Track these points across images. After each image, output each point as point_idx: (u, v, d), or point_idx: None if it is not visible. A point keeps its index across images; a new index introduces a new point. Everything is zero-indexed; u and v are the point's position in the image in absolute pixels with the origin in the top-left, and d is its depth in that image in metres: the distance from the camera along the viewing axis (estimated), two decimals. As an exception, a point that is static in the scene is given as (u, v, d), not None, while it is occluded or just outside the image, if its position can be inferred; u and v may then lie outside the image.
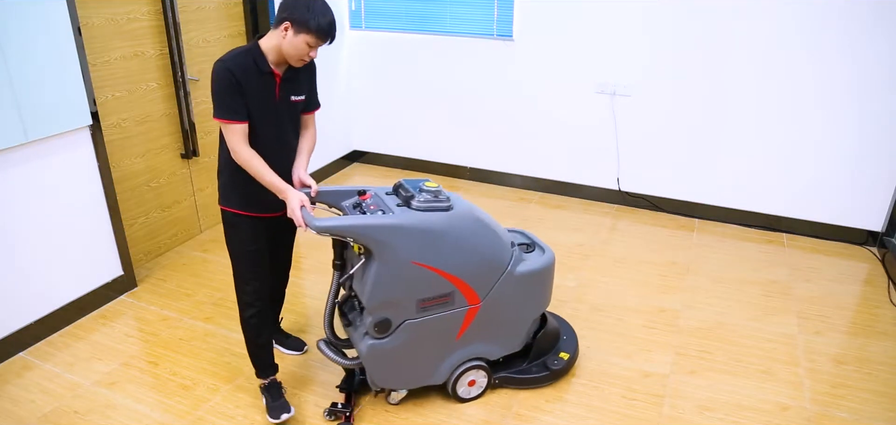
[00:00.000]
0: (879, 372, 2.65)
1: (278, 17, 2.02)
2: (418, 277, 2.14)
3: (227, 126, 2.03)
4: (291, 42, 2.02)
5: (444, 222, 2.13)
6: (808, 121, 3.68)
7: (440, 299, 2.22)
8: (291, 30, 2.00)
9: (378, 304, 2.15)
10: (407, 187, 2.24)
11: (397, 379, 2.36)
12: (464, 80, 4.55)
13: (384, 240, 2.05)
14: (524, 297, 2.42)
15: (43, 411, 2.41)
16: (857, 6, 3.36)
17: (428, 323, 2.24)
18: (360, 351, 2.27)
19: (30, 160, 2.67)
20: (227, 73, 1.97)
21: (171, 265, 3.51)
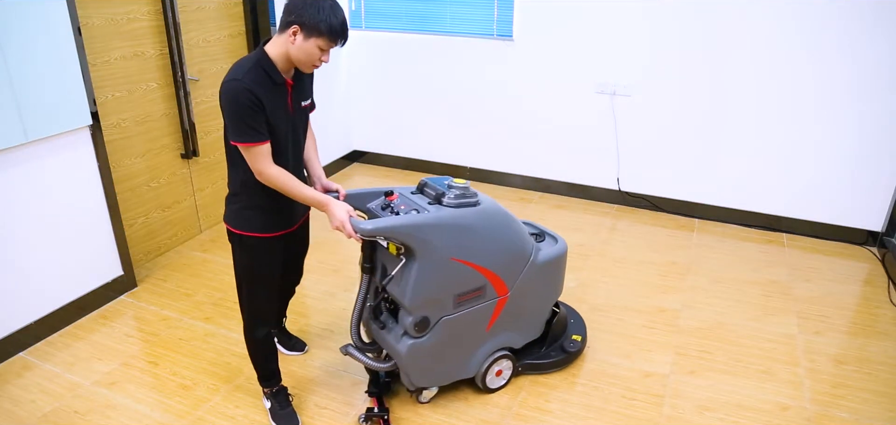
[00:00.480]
0: (879, 372, 2.65)
1: (284, 21, 1.88)
2: (456, 273, 2.18)
3: (251, 149, 1.89)
4: (301, 47, 1.89)
5: (476, 217, 2.19)
6: (809, 121, 3.68)
7: (474, 293, 2.27)
8: (300, 34, 1.87)
9: (419, 303, 2.16)
10: (433, 185, 2.27)
11: (434, 376, 2.38)
12: (464, 80, 4.55)
13: (427, 237, 2.07)
14: (544, 285, 2.51)
15: (43, 411, 2.41)
16: (858, 6, 3.36)
17: (463, 318, 2.28)
18: (397, 352, 2.26)
19: (30, 160, 2.67)
20: (248, 92, 1.82)
21: (171, 265, 3.51)
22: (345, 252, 3.66)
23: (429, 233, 2.08)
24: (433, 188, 2.25)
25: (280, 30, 1.92)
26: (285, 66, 1.96)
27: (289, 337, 2.78)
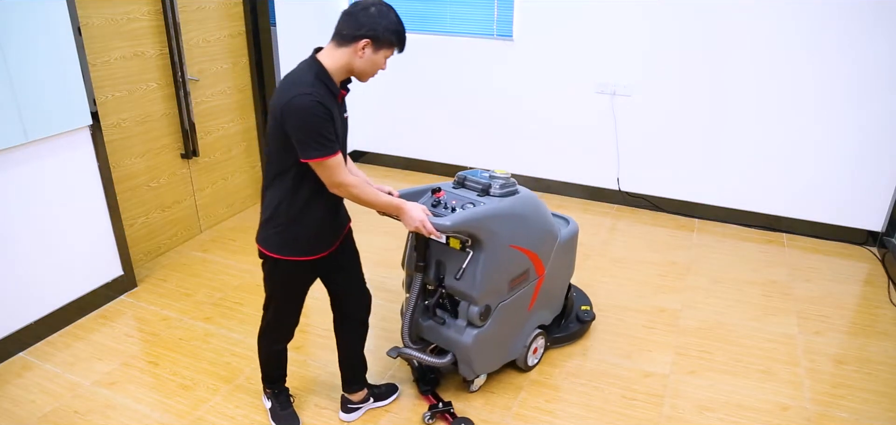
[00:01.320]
0: (879, 372, 2.65)
1: (352, 35, 1.84)
2: (512, 259, 2.29)
3: (327, 162, 1.83)
4: (371, 59, 1.90)
5: (522, 203, 2.31)
6: (809, 121, 3.68)
7: (523, 276, 2.37)
8: (371, 47, 1.87)
9: (485, 293, 2.23)
10: (475, 178, 2.34)
11: (490, 362, 2.45)
12: (464, 80, 4.55)
13: (494, 228, 2.17)
14: (566, 263, 2.68)
15: (43, 411, 2.41)
16: (857, 6, 3.36)
17: (514, 302, 2.38)
18: (460, 344, 2.30)
19: (30, 160, 2.67)
20: (321, 106, 1.78)
21: (171, 265, 3.51)
22: (345, 252, 3.66)
23: (495, 224, 2.18)
24: (476, 181, 2.32)
25: (342, 42, 1.86)
26: (341, 77, 1.93)
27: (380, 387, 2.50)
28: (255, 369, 2.64)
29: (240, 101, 4.03)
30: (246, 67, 4.03)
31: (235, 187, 4.14)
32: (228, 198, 4.09)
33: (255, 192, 4.35)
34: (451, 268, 2.26)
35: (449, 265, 2.27)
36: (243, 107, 4.06)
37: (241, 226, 4.00)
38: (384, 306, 3.11)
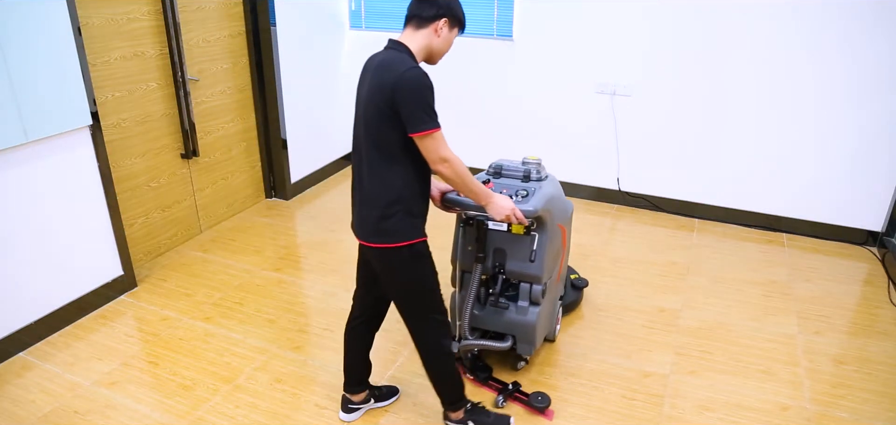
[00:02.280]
0: (879, 372, 2.65)
1: (429, 15, 1.90)
2: (557, 235, 2.45)
3: (435, 134, 1.81)
4: (446, 38, 1.95)
5: (556, 183, 2.50)
6: (808, 121, 3.68)
7: (560, 251, 2.54)
8: (447, 27, 1.93)
9: (546, 271, 2.38)
10: (511, 167, 2.44)
11: (540, 337, 2.55)
12: (464, 80, 4.55)
13: (553, 209, 2.33)
14: (570, 236, 2.78)
15: (43, 411, 2.41)
16: (857, 6, 3.36)
17: (554, 277, 2.54)
18: (524, 325, 2.41)
19: (30, 160, 2.67)
20: (427, 76, 1.81)
21: (171, 265, 3.51)
22: (344, 252, 3.66)
23: (554, 205, 2.36)
24: (513, 168, 2.44)
25: (421, 24, 1.92)
26: (421, 59, 1.96)
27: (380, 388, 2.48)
28: (255, 369, 2.64)
29: (240, 101, 4.03)
30: (246, 67, 4.03)
31: (235, 187, 4.14)
32: (228, 198, 4.09)
33: (256, 192, 4.35)
34: (512, 254, 2.35)
35: (510, 251, 2.35)
36: (243, 107, 4.06)
37: (241, 226, 4.00)
38: (384, 306, 3.11)
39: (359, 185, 1.97)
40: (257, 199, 4.38)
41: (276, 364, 2.68)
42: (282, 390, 2.53)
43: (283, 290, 3.25)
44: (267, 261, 3.55)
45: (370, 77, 1.88)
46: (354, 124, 1.99)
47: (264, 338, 2.86)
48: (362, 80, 1.95)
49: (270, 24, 3.97)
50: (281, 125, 4.22)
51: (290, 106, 4.25)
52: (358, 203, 1.99)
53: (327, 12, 4.54)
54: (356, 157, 1.98)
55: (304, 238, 3.86)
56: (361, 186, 1.95)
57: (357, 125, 1.97)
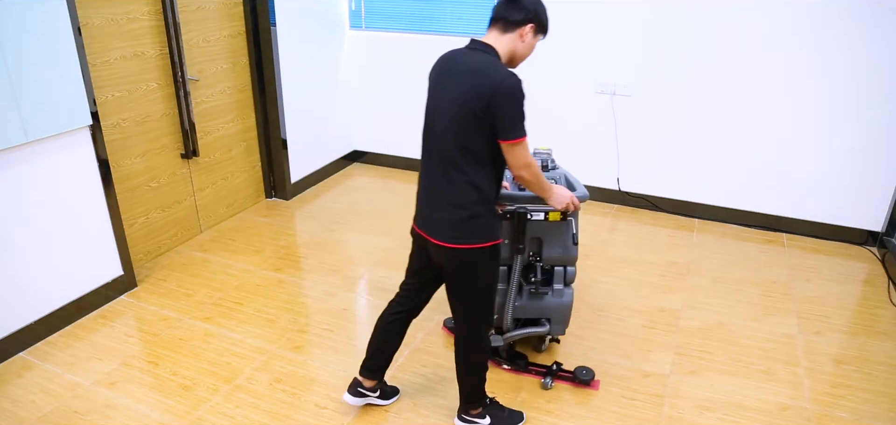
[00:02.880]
0: (879, 372, 2.65)
1: (516, 19, 1.90)
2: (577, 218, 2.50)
3: (525, 142, 1.86)
4: (530, 44, 1.95)
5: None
6: (808, 121, 3.68)
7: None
8: (531, 32, 1.93)
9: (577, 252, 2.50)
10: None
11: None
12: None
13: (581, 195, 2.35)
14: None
15: (43, 411, 2.41)
16: (857, 6, 3.36)
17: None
18: (561, 307, 2.54)
19: (30, 160, 2.67)
20: (522, 84, 1.83)
21: (171, 265, 3.51)
22: (344, 252, 3.66)
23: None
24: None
25: (508, 28, 1.92)
26: (504, 62, 1.96)
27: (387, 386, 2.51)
28: (255, 369, 2.64)
29: (240, 101, 4.03)
30: (246, 67, 4.03)
31: (235, 187, 4.14)
32: (228, 198, 4.09)
33: (256, 192, 4.35)
34: (549, 241, 2.43)
35: (546, 239, 2.42)
36: (243, 107, 4.06)
37: (241, 227, 4.00)
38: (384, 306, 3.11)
39: (437, 186, 1.96)
40: (257, 199, 4.38)
41: (276, 364, 2.68)
42: (282, 390, 2.53)
43: (283, 290, 3.25)
44: (267, 261, 3.55)
45: (461, 79, 1.87)
46: (431, 124, 1.97)
47: (264, 338, 2.86)
48: (444, 80, 1.94)
49: (270, 24, 3.97)
50: (281, 125, 4.22)
51: (290, 106, 4.25)
52: (438, 203, 1.97)
53: (327, 12, 4.54)
54: (435, 158, 1.96)
55: (304, 238, 3.86)
56: (442, 187, 1.94)
57: (437, 125, 1.94)
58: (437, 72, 1.99)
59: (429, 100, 2.00)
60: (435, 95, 1.97)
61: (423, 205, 2.04)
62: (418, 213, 2.07)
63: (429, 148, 1.99)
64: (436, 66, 2.01)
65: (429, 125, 1.99)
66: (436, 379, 2.59)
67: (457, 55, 1.95)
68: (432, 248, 2.03)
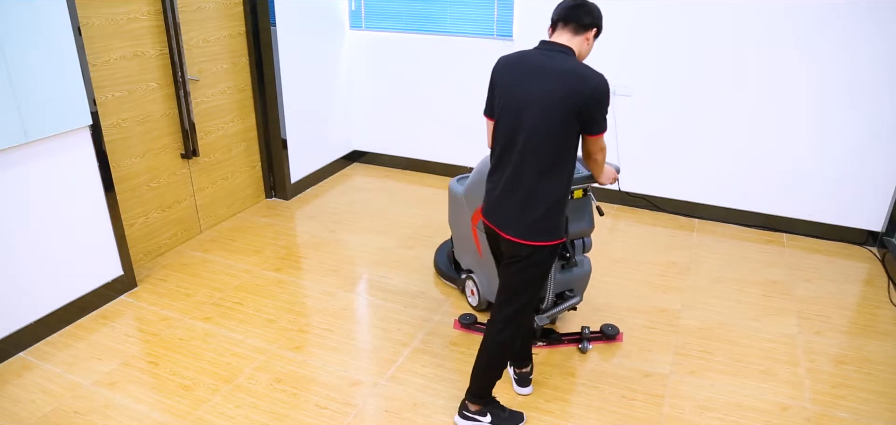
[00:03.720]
0: (879, 372, 2.65)
1: (586, 23, 1.98)
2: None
3: (605, 135, 1.99)
4: (592, 46, 2.04)
5: None
6: (808, 120, 3.68)
7: None
8: (594, 37, 2.03)
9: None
10: None
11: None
12: (464, 81, 4.55)
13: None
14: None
15: (43, 411, 2.41)
16: (856, 6, 3.36)
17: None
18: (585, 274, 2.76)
19: (30, 160, 2.67)
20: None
21: (171, 265, 3.51)
22: (344, 252, 3.66)
23: None
24: None
25: (578, 31, 1.99)
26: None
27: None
28: (255, 369, 2.64)
29: (240, 101, 4.03)
30: (246, 67, 4.03)
31: (235, 187, 4.14)
32: (228, 198, 4.09)
33: (256, 192, 4.35)
34: (572, 217, 2.58)
35: (571, 215, 2.57)
36: (243, 107, 4.06)
37: (241, 226, 4.00)
38: (384, 306, 3.12)
39: (516, 183, 2.00)
40: (257, 199, 4.38)
41: (276, 364, 2.68)
42: (282, 390, 2.53)
43: (283, 290, 3.25)
44: (267, 261, 3.55)
45: (555, 80, 1.90)
46: (515, 123, 1.97)
47: (264, 338, 2.86)
48: (531, 80, 1.95)
49: (270, 24, 3.97)
50: (281, 125, 4.22)
51: (290, 106, 4.26)
52: (516, 200, 2.01)
53: (327, 12, 4.54)
54: (515, 156, 1.98)
55: (304, 238, 3.86)
56: (521, 185, 1.99)
57: (524, 124, 1.95)
58: (516, 72, 1.99)
59: (508, 100, 1.99)
60: (519, 95, 1.96)
61: (497, 201, 2.07)
62: (491, 208, 2.10)
63: (509, 146, 2.00)
64: (510, 66, 2.01)
65: (512, 124, 1.98)
66: (436, 379, 2.59)
67: (540, 57, 1.97)
68: (502, 240, 2.10)
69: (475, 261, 3.00)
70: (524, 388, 2.52)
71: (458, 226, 3.10)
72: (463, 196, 2.96)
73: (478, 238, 2.87)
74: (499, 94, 2.03)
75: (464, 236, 3.05)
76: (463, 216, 2.99)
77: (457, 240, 3.18)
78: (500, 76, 2.03)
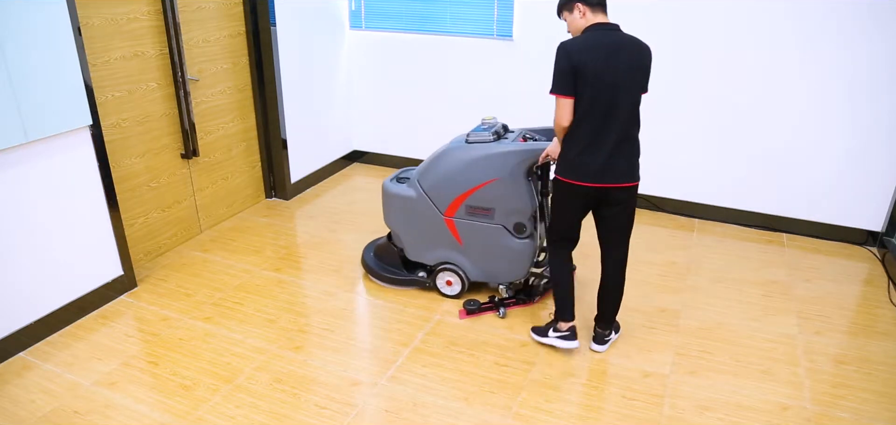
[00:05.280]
0: (879, 372, 2.65)
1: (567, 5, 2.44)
2: None
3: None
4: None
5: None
6: (808, 120, 3.68)
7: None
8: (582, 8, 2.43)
9: None
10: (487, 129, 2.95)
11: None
12: (464, 81, 4.55)
13: None
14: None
15: (43, 411, 2.41)
16: (856, 6, 3.36)
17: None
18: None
19: (30, 160, 2.67)
20: None
21: (171, 265, 3.51)
22: (344, 252, 3.66)
23: None
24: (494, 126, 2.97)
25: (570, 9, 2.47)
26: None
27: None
28: (255, 369, 2.65)
29: (240, 101, 4.03)
30: (246, 67, 4.03)
31: (235, 187, 4.14)
32: (228, 198, 4.09)
33: (256, 192, 4.35)
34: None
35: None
36: (243, 107, 4.07)
37: (241, 226, 4.00)
38: (384, 306, 3.12)
39: (625, 141, 2.40)
40: (257, 199, 4.39)
41: (276, 364, 2.68)
42: (282, 390, 2.53)
43: (282, 290, 3.25)
44: (267, 261, 3.55)
45: (632, 55, 2.38)
46: (610, 94, 2.33)
47: (264, 338, 2.86)
48: (615, 58, 2.34)
49: (270, 24, 3.97)
50: (281, 125, 4.23)
51: (290, 106, 4.26)
52: (626, 155, 2.42)
53: (327, 12, 4.54)
54: (619, 121, 2.36)
55: (304, 238, 3.86)
56: (627, 141, 2.41)
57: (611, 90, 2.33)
58: (597, 52, 2.33)
59: (602, 76, 2.31)
60: (611, 70, 2.32)
61: (607, 164, 2.39)
62: (601, 172, 2.40)
63: (610, 115, 2.35)
64: (589, 49, 2.33)
65: (610, 96, 2.33)
66: (436, 379, 2.59)
67: (612, 37, 2.39)
68: (614, 193, 2.45)
69: (453, 251, 3.04)
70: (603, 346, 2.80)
71: (417, 224, 3.08)
72: (426, 192, 2.99)
73: (456, 227, 2.95)
74: (589, 74, 2.30)
75: (430, 232, 3.06)
76: (425, 212, 3.02)
77: (414, 240, 3.15)
78: (582, 58, 2.30)
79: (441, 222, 3.01)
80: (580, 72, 2.30)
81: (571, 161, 2.43)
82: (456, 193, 2.93)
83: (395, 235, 3.22)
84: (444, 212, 2.99)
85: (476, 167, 2.85)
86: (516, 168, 2.79)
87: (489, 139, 2.86)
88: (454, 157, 2.91)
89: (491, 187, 2.85)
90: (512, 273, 3.03)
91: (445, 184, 2.94)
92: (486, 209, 2.92)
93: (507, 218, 2.91)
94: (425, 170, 3.02)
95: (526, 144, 2.81)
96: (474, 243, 3.01)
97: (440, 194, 2.97)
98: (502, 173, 2.81)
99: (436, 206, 2.99)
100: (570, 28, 2.49)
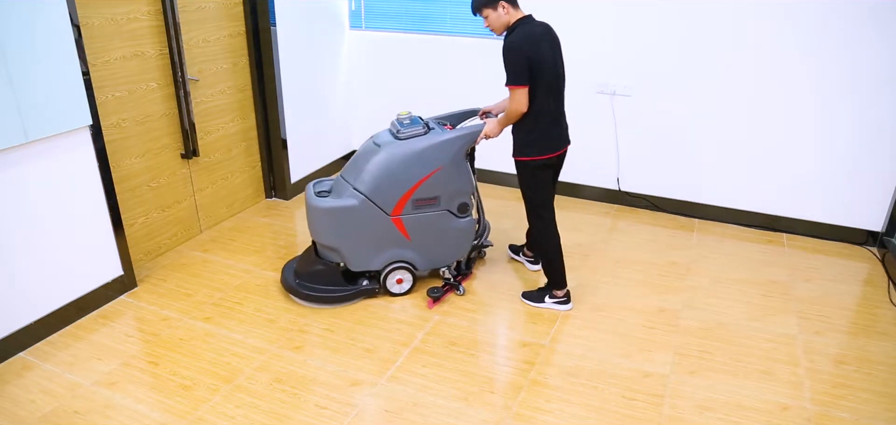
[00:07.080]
0: (879, 372, 2.65)
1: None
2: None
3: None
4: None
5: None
6: (808, 120, 3.68)
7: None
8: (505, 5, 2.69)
9: None
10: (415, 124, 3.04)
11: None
12: (464, 81, 4.55)
13: None
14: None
15: (43, 411, 2.41)
16: (856, 5, 3.36)
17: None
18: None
19: (30, 160, 2.67)
20: None
21: (171, 265, 3.51)
22: (345, 252, 3.67)
23: None
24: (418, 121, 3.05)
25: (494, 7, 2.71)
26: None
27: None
28: (255, 369, 2.65)
29: (240, 101, 4.03)
30: (246, 67, 4.03)
31: (235, 187, 4.14)
32: (228, 198, 4.09)
33: (256, 192, 4.35)
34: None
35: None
36: (243, 107, 4.07)
37: (241, 226, 4.00)
38: (384, 306, 3.12)
39: (561, 112, 2.88)
40: (257, 199, 4.39)
41: (276, 364, 2.68)
42: (282, 390, 2.53)
43: (283, 290, 3.25)
44: (267, 261, 3.55)
45: (554, 41, 2.75)
46: (551, 72, 2.72)
47: (264, 338, 2.86)
48: (542, 43, 2.68)
49: (270, 24, 3.97)
50: (281, 125, 4.23)
51: (290, 106, 4.26)
52: (564, 125, 2.90)
53: (327, 12, 4.54)
54: (561, 97, 2.83)
55: (303, 238, 3.86)
56: (563, 112, 2.88)
57: (556, 72, 2.75)
58: (542, 44, 2.67)
59: (548, 64, 2.68)
60: (551, 58, 2.70)
61: (561, 133, 2.88)
62: (561, 139, 2.88)
63: (558, 94, 2.81)
64: (535, 42, 2.65)
65: (554, 80, 2.74)
66: (436, 379, 2.59)
67: (539, 27, 2.72)
68: (564, 154, 2.92)
69: (401, 249, 3.07)
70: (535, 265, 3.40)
71: (362, 232, 2.99)
72: (368, 197, 2.92)
73: (404, 224, 3.02)
74: (540, 63, 2.64)
75: (376, 236, 3.01)
76: (370, 218, 2.96)
77: (358, 250, 3.03)
78: (533, 51, 2.62)
79: (388, 223, 2.99)
80: (535, 62, 2.62)
81: (536, 140, 2.78)
82: (402, 191, 2.94)
83: (332, 251, 3.05)
84: (390, 212, 2.97)
85: (419, 161, 2.91)
86: (458, 153, 2.96)
87: (422, 132, 2.97)
88: (393, 156, 2.90)
89: (436, 177, 2.95)
90: (459, 252, 3.20)
91: (389, 184, 2.92)
92: (431, 199, 2.99)
93: (451, 201, 3.05)
94: (360, 175, 2.94)
95: (464, 129, 3.00)
96: (422, 235, 3.07)
97: (384, 196, 2.94)
98: (445, 161, 2.94)
99: (381, 209, 2.96)
100: (492, 24, 2.74)
